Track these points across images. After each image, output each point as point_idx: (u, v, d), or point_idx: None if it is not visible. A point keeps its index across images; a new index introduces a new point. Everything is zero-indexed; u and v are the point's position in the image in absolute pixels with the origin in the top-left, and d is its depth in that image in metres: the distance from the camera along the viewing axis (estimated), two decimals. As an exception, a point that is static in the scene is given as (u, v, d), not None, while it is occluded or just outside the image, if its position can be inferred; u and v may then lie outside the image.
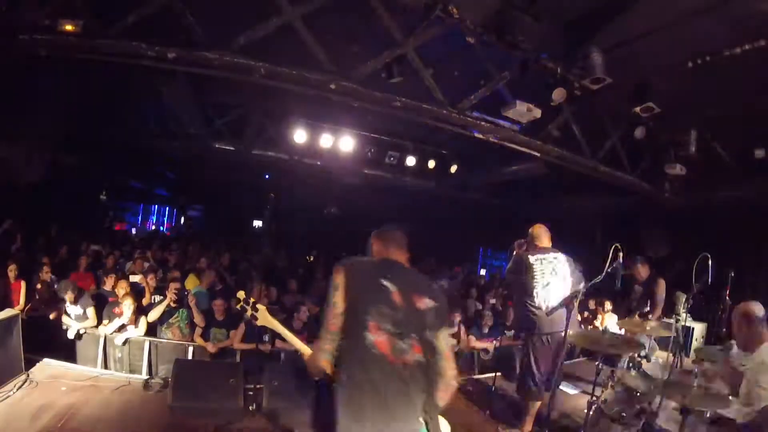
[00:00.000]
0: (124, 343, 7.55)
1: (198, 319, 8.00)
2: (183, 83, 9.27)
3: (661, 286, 8.15)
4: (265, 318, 4.05)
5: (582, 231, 12.96)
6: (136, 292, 8.51)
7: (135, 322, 7.77)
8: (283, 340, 4.08)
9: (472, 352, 9.12)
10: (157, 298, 8.60)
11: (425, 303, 3.32)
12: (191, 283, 9.66)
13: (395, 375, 3.20)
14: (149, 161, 17.28)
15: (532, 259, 6.10)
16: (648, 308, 8.13)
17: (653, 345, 7.87)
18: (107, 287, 8.64)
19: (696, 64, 7.12)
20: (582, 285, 5.85)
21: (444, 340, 3.36)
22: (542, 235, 6.34)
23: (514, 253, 6.53)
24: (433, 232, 21.80)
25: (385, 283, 3.29)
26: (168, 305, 8.09)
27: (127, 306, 7.66)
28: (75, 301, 7.77)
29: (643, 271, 8.37)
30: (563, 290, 5.98)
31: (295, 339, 4.15)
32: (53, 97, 8.65)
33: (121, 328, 7.65)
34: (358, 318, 3.24)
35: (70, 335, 7.50)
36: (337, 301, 3.32)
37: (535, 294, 5.99)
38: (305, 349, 4.04)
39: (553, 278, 6.02)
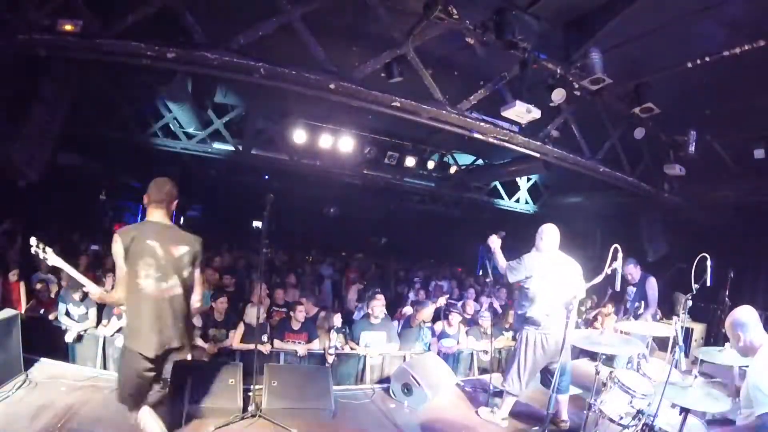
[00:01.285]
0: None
1: (195, 319, 7.97)
2: (182, 83, 9.26)
3: (653, 286, 8.16)
4: (53, 258, 4.87)
5: (582, 231, 12.96)
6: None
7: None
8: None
9: (471, 353, 9.11)
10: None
11: (180, 249, 4.43)
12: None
13: (161, 306, 4.32)
14: (148, 161, 17.24)
15: (541, 259, 6.15)
16: (642, 309, 8.16)
17: (652, 345, 7.87)
18: (107, 287, 8.62)
19: (695, 65, 7.13)
20: (582, 289, 5.86)
21: (197, 275, 4.61)
22: (552, 235, 6.32)
23: (492, 248, 6.56)
24: (433, 232, 21.85)
25: (149, 242, 4.28)
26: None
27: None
28: (82, 300, 7.76)
29: (635, 272, 8.39)
30: (564, 294, 5.89)
31: (83, 278, 5.07)
32: (52, 97, 8.63)
33: (121, 328, 7.61)
34: (133, 271, 4.25)
35: (68, 339, 7.46)
36: (121, 264, 4.28)
37: (539, 293, 6.07)
38: (95, 289, 4.86)
39: (558, 279, 6.06)
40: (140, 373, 4.37)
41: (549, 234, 6.30)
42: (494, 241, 6.62)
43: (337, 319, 8.45)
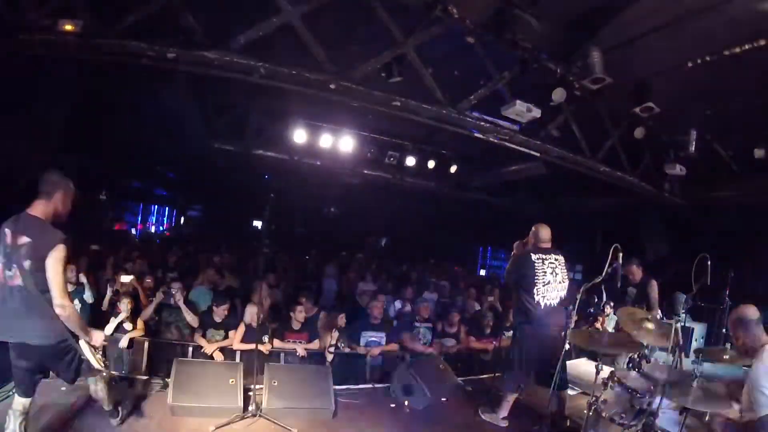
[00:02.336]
0: (130, 346, 7.51)
1: (190, 318, 7.97)
2: (183, 83, 9.26)
3: (654, 287, 8.15)
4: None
5: (582, 231, 12.97)
6: (134, 292, 8.48)
7: (133, 323, 7.72)
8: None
9: (471, 353, 9.11)
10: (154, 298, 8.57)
11: (23, 240, 4.25)
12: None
13: (8, 295, 4.28)
14: (149, 161, 17.25)
15: (533, 257, 6.23)
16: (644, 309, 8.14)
17: (653, 346, 7.86)
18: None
19: (696, 64, 7.13)
20: (581, 288, 5.88)
21: (50, 270, 4.26)
22: (545, 234, 6.45)
23: (513, 252, 6.62)
24: (433, 232, 21.86)
25: (6, 229, 4.31)
26: (159, 304, 8.09)
27: (125, 305, 7.63)
28: (77, 297, 7.76)
29: (637, 272, 8.37)
30: (561, 291, 6.19)
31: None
32: (53, 96, 8.63)
33: (119, 326, 7.60)
34: None
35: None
36: None
37: (534, 291, 6.12)
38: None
39: (552, 278, 6.18)
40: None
41: (541, 232, 6.45)
42: (517, 247, 6.69)
43: (341, 320, 8.46)
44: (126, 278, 8.66)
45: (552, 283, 6.16)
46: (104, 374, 4.88)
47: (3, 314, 4.31)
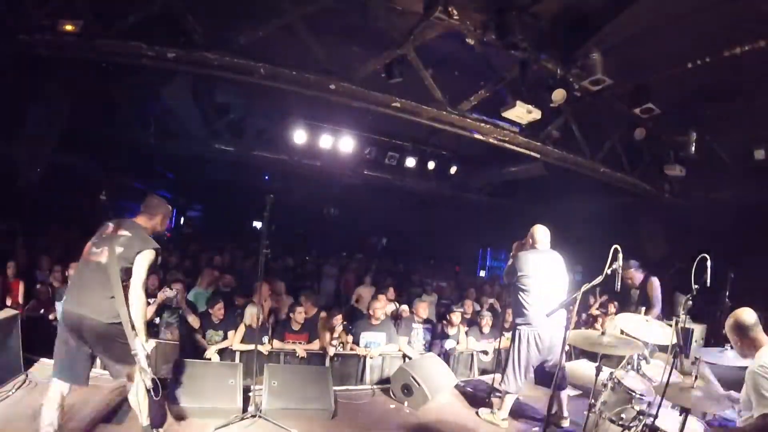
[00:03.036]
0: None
1: (191, 319, 7.96)
2: (183, 83, 9.26)
3: (655, 286, 8.11)
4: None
5: (582, 232, 12.95)
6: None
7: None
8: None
9: (471, 354, 9.11)
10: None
11: (123, 232, 4.83)
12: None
13: (85, 268, 4.74)
14: (149, 161, 17.24)
15: (530, 257, 6.31)
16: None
17: (653, 347, 7.86)
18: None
19: (695, 65, 7.12)
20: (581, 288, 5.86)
21: (139, 264, 4.69)
22: (542, 235, 6.51)
23: (512, 253, 6.63)
24: (433, 233, 21.86)
25: (109, 223, 4.99)
26: (160, 304, 8.07)
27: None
28: None
29: (635, 276, 8.32)
30: (558, 290, 6.17)
31: None
32: (53, 97, 8.64)
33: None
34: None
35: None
36: None
37: (531, 291, 6.20)
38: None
39: (550, 278, 6.25)
40: None
41: (538, 233, 6.51)
42: (515, 248, 6.71)
43: (337, 320, 8.44)
44: None
45: (549, 283, 6.21)
46: (150, 380, 4.79)
47: (74, 285, 4.84)
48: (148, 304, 8.16)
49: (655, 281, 8.12)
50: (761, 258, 9.49)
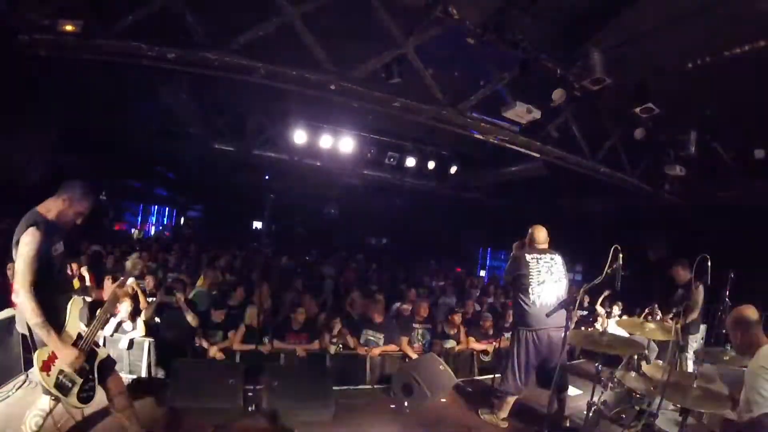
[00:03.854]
0: (130, 347, 7.49)
1: (190, 318, 7.95)
2: (183, 83, 9.27)
3: (699, 291, 8.02)
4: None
5: (582, 232, 12.95)
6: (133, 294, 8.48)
7: (133, 323, 7.71)
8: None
9: (471, 354, 9.11)
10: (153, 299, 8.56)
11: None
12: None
13: None
14: (149, 161, 17.26)
15: (528, 257, 6.32)
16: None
17: (653, 346, 7.86)
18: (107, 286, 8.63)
19: (696, 65, 7.12)
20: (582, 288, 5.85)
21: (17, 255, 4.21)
22: (541, 235, 6.54)
23: (513, 253, 6.65)
24: (433, 233, 21.86)
25: None
26: (159, 304, 8.08)
27: (124, 307, 7.62)
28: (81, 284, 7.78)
29: (682, 274, 8.26)
30: (557, 290, 6.23)
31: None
32: (53, 97, 8.64)
33: (118, 326, 7.58)
34: None
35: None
36: None
37: (530, 291, 6.19)
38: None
39: (548, 277, 6.25)
40: None
41: (536, 233, 6.55)
42: (516, 247, 6.71)
43: (336, 325, 8.45)
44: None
45: (547, 282, 6.22)
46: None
47: None
48: (148, 303, 8.22)
49: (700, 288, 8.04)
50: (762, 257, 9.48)
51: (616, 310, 10.26)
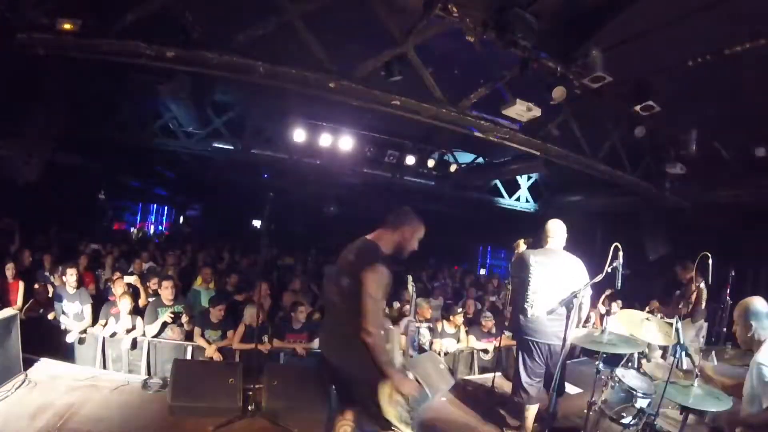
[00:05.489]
0: (133, 347, 7.48)
1: (185, 320, 7.92)
2: (182, 82, 9.25)
3: (700, 293, 8.02)
4: None
5: (582, 230, 12.93)
6: (134, 291, 8.48)
7: (133, 321, 7.70)
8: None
9: (471, 353, 9.09)
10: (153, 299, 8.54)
11: (347, 259, 4.25)
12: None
13: (329, 307, 4.46)
14: (148, 160, 17.26)
15: (532, 259, 5.88)
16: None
17: (653, 345, 7.85)
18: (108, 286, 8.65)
19: (696, 63, 7.10)
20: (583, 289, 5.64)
21: (363, 290, 3.89)
22: (556, 233, 6.06)
23: (515, 252, 6.49)
24: (433, 231, 21.82)
25: (345, 251, 4.42)
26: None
27: (125, 305, 7.61)
28: (76, 297, 7.76)
29: (681, 273, 8.28)
30: (558, 296, 5.55)
31: None
32: (52, 96, 8.62)
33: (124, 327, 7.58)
34: None
35: (70, 339, 7.39)
36: None
37: (525, 297, 5.83)
38: None
39: (545, 286, 5.77)
40: None
41: (548, 231, 6.06)
42: (519, 246, 6.55)
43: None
44: (130, 278, 8.67)
45: (543, 291, 5.76)
46: None
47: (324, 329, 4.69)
48: (147, 302, 8.22)
49: (701, 289, 8.03)
50: (763, 256, 9.49)
51: (616, 308, 10.25)
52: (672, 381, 4.56)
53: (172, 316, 7.78)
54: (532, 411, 6.10)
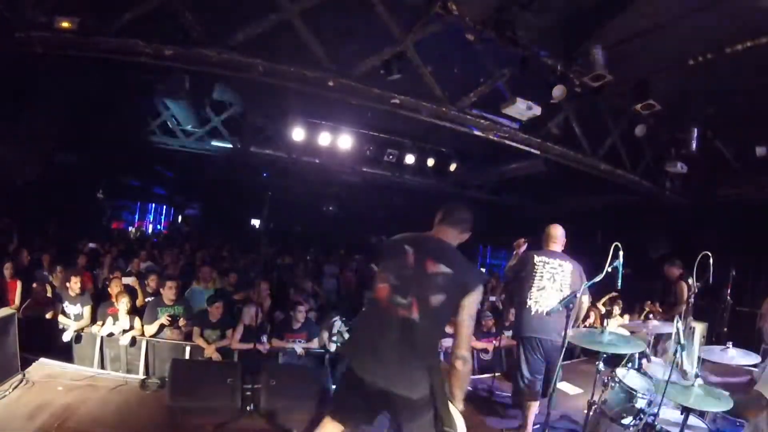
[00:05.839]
0: (132, 344, 7.46)
1: (181, 323, 7.90)
2: (180, 80, 9.23)
3: (683, 289, 8.08)
4: None
5: (582, 230, 12.91)
6: (131, 291, 8.45)
7: (131, 321, 7.67)
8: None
9: (471, 352, 9.04)
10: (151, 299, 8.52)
11: (438, 268, 3.52)
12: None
13: (390, 322, 3.48)
14: (146, 159, 17.24)
15: (536, 259, 5.95)
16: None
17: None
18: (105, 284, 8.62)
19: (697, 61, 7.09)
20: (580, 291, 5.65)
21: (464, 313, 3.50)
22: (556, 237, 6.12)
23: (515, 252, 6.44)
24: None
25: (406, 246, 3.64)
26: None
27: (123, 305, 7.58)
28: (77, 298, 7.73)
29: (673, 270, 8.33)
30: (556, 298, 5.68)
31: None
32: (50, 95, 8.60)
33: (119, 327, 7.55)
34: (377, 275, 3.74)
35: (66, 338, 7.37)
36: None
37: (528, 295, 5.87)
38: None
39: (549, 284, 5.86)
40: None
41: (550, 234, 6.12)
42: (519, 245, 6.51)
43: (336, 324, 8.41)
44: (128, 279, 8.64)
45: (547, 290, 5.83)
46: None
47: (374, 344, 3.55)
48: (144, 302, 8.19)
49: (684, 285, 8.07)
50: (763, 256, 9.48)
51: (616, 309, 10.23)
52: (673, 381, 4.53)
53: (170, 319, 7.73)
54: (533, 408, 6.06)
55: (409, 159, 13.66)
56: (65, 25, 6.06)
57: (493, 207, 16.99)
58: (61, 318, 7.68)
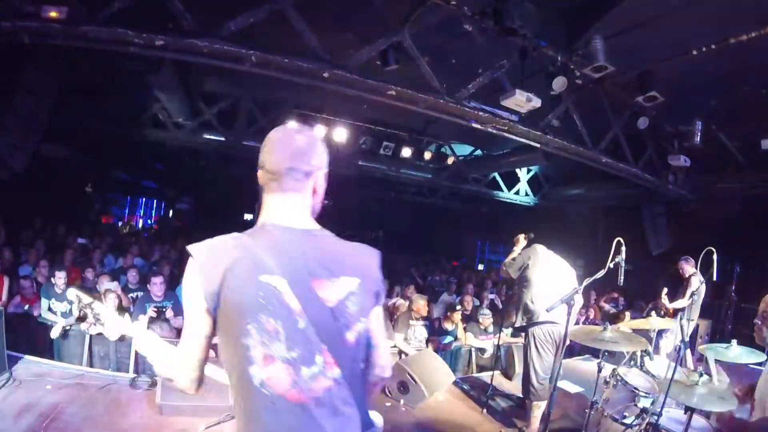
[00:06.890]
0: (121, 339, 7.36)
1: (169, 315, 7.81)
2: (171, 71, 9.12)
3: (692, 283, 8.05)
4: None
5: (584, 225, 12.87)
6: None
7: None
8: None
9: (470, 351, 8.98)
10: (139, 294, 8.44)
11: (338, 288, 1.98)
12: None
13: (306, 421, 1.91)
14: (137, 152, 17.13)
15: (534, 251, 6.11)
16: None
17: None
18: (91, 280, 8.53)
19: (701, 52, 7.02)
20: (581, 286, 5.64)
21: (376, 322, 2.19)
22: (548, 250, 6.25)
23: (515, 246, 6.43)
24: (430, 225, 21.78)
25: (267, 279, 1.91)
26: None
27: (110, 300, 7.48)
28: (64, 294, 7.62)
29: (685, 267, 8.32)
30: (563, 286, 5.73)
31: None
32: (38, 87, 8.47)
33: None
34: (236, 344, 1.89)
35: (54, 334, 7.26)
36: (196, 316, 1.99)
37: (536, 288, 5.95)
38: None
39: (556, 275, 5.97)
40: None
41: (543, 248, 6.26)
42: (519, 241, 6.52)
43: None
44: (110, 284, 8.53)
45: (555, 280, 5.92)
46: None
47: None
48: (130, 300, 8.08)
49: (694, 280, 8.05)
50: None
51: (627, 316, 10.16)
52: (676, 379, 4.45)
53: (155, 311, 7.65)
54: (541, 408, 6.00)
55: (406, 152, 13.58)
56: (53, 14, 6.01)
57: (491, 201, 16.93)
58: (46, 314, 7.59)
